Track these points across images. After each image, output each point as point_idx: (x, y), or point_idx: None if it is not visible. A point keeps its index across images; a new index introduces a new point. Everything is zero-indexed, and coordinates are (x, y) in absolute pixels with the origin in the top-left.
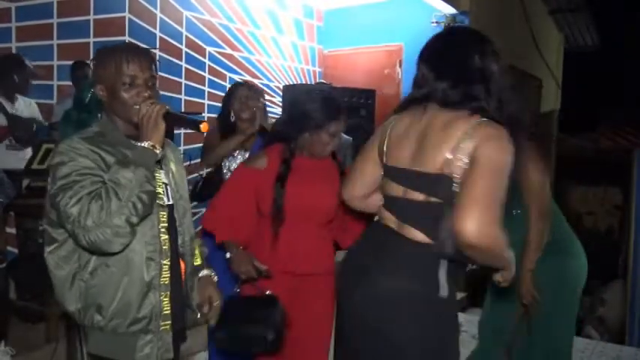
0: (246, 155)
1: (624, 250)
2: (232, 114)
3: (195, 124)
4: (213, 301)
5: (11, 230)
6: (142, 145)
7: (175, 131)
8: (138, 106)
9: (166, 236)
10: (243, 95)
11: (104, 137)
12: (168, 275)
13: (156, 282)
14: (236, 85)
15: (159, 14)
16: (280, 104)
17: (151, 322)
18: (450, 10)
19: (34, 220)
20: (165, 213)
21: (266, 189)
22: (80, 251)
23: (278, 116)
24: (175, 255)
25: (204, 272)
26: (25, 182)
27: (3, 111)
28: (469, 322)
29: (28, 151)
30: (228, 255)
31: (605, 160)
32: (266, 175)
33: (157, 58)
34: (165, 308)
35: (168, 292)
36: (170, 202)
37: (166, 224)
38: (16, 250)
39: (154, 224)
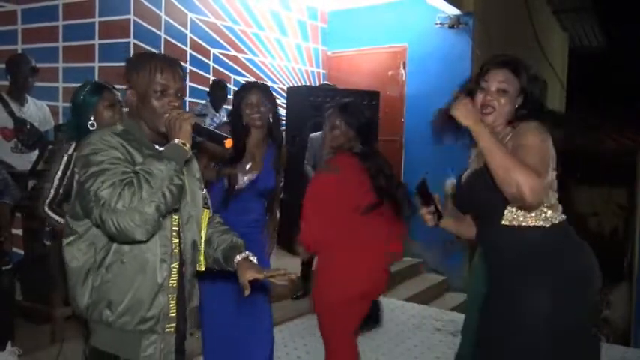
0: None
1: (629, 251)
2: (243, 118)
3: (219, 140)
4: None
5: (17, 231)
6: (174, 142)
7: None
8: (167, 115)
9: (177, 239)
10: (253, 102)
11: (131, 136)
12: (177, 278)
13: (166, 283)
14: (246, 89)
15: (163, 16)
16: (284, 106)
17: (158, 322)
18: (454, 11)
19: (40, 221)
20: (177, 217)
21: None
22: (97, 245)
23: (284, 118)
24: (182, 259)
25: (244, 254)
26: (31, 184)
27: (11, 114)
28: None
29: (34, 153)
30: None
31: (610, 161)
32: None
33: None
34: (172, 310)
35: (175, 295)
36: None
37: (177, 228)
38: (22, 252)
39: (167, 227)
